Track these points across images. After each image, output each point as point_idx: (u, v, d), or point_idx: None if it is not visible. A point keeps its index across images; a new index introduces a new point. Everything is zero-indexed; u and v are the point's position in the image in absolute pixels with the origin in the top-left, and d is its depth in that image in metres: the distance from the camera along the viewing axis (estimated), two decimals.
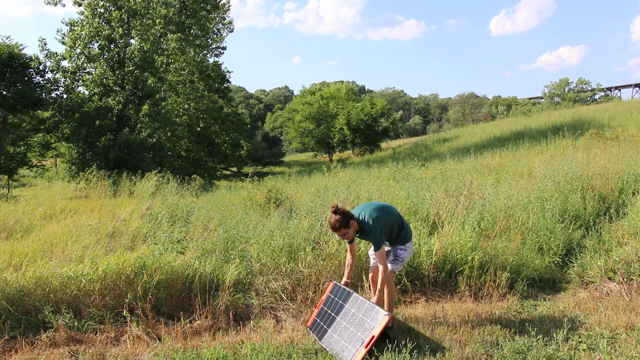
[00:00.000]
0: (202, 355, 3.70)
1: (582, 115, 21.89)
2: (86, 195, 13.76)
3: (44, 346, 3.92)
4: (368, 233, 4.00)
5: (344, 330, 3.87)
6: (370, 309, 3.80)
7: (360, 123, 33.02)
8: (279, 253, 5.30)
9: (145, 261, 4.65)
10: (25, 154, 20.26)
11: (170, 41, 26.79)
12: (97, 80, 21.39)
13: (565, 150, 11.70)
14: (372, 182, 9.92)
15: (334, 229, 3.90)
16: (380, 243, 3.96)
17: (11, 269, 4.63)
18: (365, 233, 4.03)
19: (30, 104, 17.79)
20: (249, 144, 41.36)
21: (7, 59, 17.10)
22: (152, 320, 4.24)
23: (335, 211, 3.89)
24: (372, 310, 3.78)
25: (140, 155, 19.89)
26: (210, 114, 32.59)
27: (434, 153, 21.36)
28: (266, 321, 4.47)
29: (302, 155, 56.32)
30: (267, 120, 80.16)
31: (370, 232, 3.98)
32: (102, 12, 21.39)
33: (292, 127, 43.09)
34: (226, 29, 35.75)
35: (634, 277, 4.83)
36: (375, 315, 3.72)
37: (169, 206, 7.93)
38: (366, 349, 3.56)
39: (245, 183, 12.31)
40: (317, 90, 45.48)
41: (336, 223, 3.88)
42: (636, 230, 5.51)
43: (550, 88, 60.65)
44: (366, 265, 5.05)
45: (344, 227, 3.90)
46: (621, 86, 67.30)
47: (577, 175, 7.35)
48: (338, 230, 3.90)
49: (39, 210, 9.33)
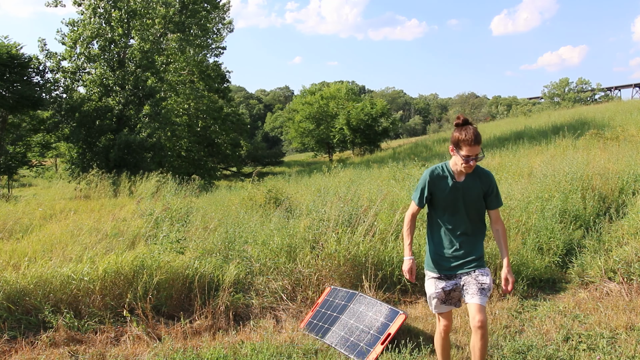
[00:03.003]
0: (202, 355, 3.70)
1: (582, 115, 21.87)
2: (86, 195, 13.76)
3: (44, 346, 3.92)
4: (489, 183, 3.03)
5: (351, 329, 3.87)
6: (380, 307, 3.83)
7: (360, 123, 33.00)
8: (279, 253, 5.30)
9: (144, 261, 4.65)
10: (25, 153, 20.27)
11: (170, 41, 26.79)
12: (97, 81, 21.38)
13: (565, 150, 11.69)
14: (373, 182, 9.91)
15: (477, 141, 2.83)
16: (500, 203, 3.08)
17: (11, 268, 4.63)
18: (485, 183, 3.03)
19: (30, 104, 17.78)
20: (249, 144, 41.35)
21: (6, 59, 17.09)
22: (152, 320, 4.24)
23: (466, 120, 2.94)
24: (383, 307, 3.81)
25: (140, 155, 19.89)
26: (210, 114, 32.56)
27: (434, 153, 21.34)
28: (266, 321, 4.47)
29: (302, 155, 56.29)
30: (267, 120, 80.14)
31: (492, 182, 3.05)
32: (102, 12, 21.40)
33: (292, 127, 43.07)
34: (226, 29, 35.80)
35: (634, 277, 4.83)
36: (387, 313, 3.75)
37: (169, 206, 7.92)
38: (383, 346, 3.57)
39: (245, 183, 12.31)
40: (317, 90, 45.45)
41: (478, 134, 2.87)
42: (636, 230, 5.51)
43: (550, 88, 60.68)
44: (367, 265, 5.03)
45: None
46: (621, 86, 67.32)
47: (577, 175, 7.35)
48: (479, 144, 2.85)
49: (39, 210, 9.33)
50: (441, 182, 3.02)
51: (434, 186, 3.03)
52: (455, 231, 3.02)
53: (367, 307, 3.93)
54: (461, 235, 3.02)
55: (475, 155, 2.88)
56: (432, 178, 3.04)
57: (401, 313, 3.68)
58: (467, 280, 2.98)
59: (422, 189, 3.06)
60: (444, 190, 3.01)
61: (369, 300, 3.97)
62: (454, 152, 2.94)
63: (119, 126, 21.09)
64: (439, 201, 3.04)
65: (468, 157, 2.87)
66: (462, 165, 2.91)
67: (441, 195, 3.02)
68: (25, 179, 25.10)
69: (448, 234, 3.04)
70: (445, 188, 3.01)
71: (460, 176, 3.01)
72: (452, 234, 3.03)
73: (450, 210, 3.03)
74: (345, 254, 4.99)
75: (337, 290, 4.35)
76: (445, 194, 3.01)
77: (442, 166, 3.07)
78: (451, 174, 3.02)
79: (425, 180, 3.05)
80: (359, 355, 3.62)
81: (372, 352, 3.58)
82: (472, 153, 2.86)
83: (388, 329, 3.65)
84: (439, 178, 3.03)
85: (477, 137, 2.85)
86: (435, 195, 3.04)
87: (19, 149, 20.03)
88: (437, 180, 3.03)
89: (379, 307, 3.86)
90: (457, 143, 2.89)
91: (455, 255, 3.01)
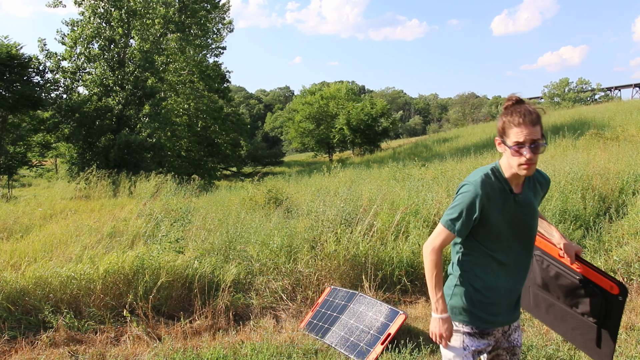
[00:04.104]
0: (202, 355, 3.70)
1: (582, 115, 21.88)
2: (86, 195, 13.76)
3: (44, 346, 3.92)
4: (546, 192, 2.22)
5: (351, 329, 3.87)
6: (380, 307, 3.83)
7: (360, 123, 33.01)
8: (278, 253, 5.30)
9: (143, 261, 4.65)
10: (25, 154, 20.28)
11: (170, 41, 26.79)
12: (97, 81, 21.39)
13: (565, 150, 11.70)
14: (373, 182, 9.92)
15: (534, 122, 1.91)
16: None
17: (11, 268, 4.63)
18: (543, 192, 2.20)
19: (30, 104, 17.79)
20: (249, 144, 41.35)
21: (5, 59, 17.09)
22: (152, 320, 4.24)
23: (520, 100, 2.01)
24: (383, 308, 3.81)
25: (140, 155, 19.90)
26: (210, 114, 32.59)
27: (434, 153, 21.35)
28: (266, 321, 4.47)
29: (302, 155, 56.29)
30: (267, 120, 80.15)
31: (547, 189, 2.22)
32: (102, 12, 21.41)
33: (292, 127, 43.07)
34: (226, 29, 35.84)
35: (634, 277, 4.83)
36: (387, 313, 3.75)
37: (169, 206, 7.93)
38: (383, 346, 3.58)
39: (245, 183, 12.32)
40: (317, 90, 45.45)
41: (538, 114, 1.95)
42: (636, 230, 5.51)
43: (550, 88, 60.65)
44: (367, 265, 5.03)
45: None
46: (621, 86, 67.26)
47: (577, 175, 7.35)
48: (538, 124, 1.93)
49: (39, 210, 9.33)
50: (497, 197, 2.01)
51: (489, 203, 1.99)
52: (517, 267, 2.09)
53: (367, 307, 3.93)
54: (520, 273, 2.12)
55: (536, 141, 1.89)
56: (486, 190, 1.98)
57: (401, 313, 3.69)
58: (500, 340, 2.17)
59: (468, 209, 1.98)
60: (502, 209, 2.01)
61: (369, 300, 3.97)
62: (502, 145, 1.99)
63: (119, 126, 21.09)
64: (493, 226, 2.01)
65: (521, 144, 1.88)
66: (520, 165, 1.92)
67: (497, 216, 2.00)
68: (25, 179, 25.11)
69: (504, 271, 2.07)
70: (504, 205, 2.01)
71: (519, 185, 2.06)
72: (510, 271, 2.08)
73: (508, 237, 2.04)
74: (344, 254, 4.99)
75: (337, 290, 4.35)
76: (503, 215, 2.01)
77: (494, 171, 2.04)
78: (508, 183, 2.03)
79: (474, 195, 1.97)
80: (359, 355, 3.62)
81: (372, 352, 3.58)
82: (530, 136, 1.88)
83: (388, 329, 3.65)
84: (495, 191, 2.00)
85: (535, 113, 1.91)
86: (487, 218, 2.00)
87: (19, 149, 20.04)
88: (492, 194, 1.99)
89: (379, 307, 3.86)
90: (504, 129, 1.95)
91: (510, 302, 2.13)
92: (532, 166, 1.93)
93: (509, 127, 1.94)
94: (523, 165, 1.92)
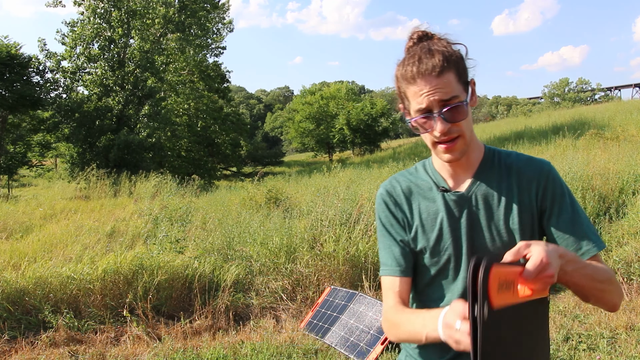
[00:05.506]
0: (202, 355, 3.70)
1: (582, 115, 21.88)
2: (86, 195, 13.77)
3: (44, 346, 3.92)
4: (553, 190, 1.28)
5: (351, 329, 3.87)
6: (380, 307, 3.82)
7: (360, 123, 33.00)
8: (278, 253, 5.30)
9: (143, 261, 4.65)
10: (25, 153, 20.29)
11: (170, 41, 26.79)
12: (97, 81, 21.40)
13: (565, 150, 11.70)
14: (373, 182, 9.91)
15: (438, 68, 1.13)
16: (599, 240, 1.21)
17: (11, 268, 4.63)
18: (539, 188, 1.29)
19: (29, 103, 17.80)
20: (249, 144, 41.34)
21: (5, 59, 17.11)
22: (152, 320, 4.24)
23: (426, 33, 1.24)
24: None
25: (140, 155, 19.90)
26: (210, 114, 32.57)
27: None
28: (266, 321, 4.46)
29: (302, 155, 56.28)
30: (267, 120, 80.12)
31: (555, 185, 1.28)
32: (102, 12, 21.42)
33: (292, 127, 43.06)
34: (226, 29, 35.77)
35: (634, 277, 4.83)
36: None
37: (169, 206, 7.93)
38: (383, 346, 3.58)
39: (245, 183, 12.33)
40: (317, 90, 45.45)
41: (444, 53, 1.15)
42: (636, 230, 5.51)
43: (550, 88, 60.68)
44: (367, 265, 5.02)
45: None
46: (621, 86, 67.26)
47: (577, 175, 7.35)
48: (449, 71, 1.14)
49: (39, 210, 9.34)
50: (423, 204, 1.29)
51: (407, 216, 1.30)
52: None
53: (367, 307, 3.93)
54: None
55: (447, 101, 1.13)
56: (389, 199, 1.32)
57: None
58: None
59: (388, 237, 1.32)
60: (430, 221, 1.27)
61: (369, 300, 3.97)
62: (409, 117, 1.20)
63: (119, 126, 21.09)
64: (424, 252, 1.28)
65: (426, 111, 1.15)
66: (435, 145, 1.19)
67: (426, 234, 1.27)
68: (25, 179, 25.10)
69: None
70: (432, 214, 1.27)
71: (458, 177, 1.28)
72: None
73: (444, 269, 1.27)
74: (344, 254, 4.98)
75: (337, 290, 4.35)
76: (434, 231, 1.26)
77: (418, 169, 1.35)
78: (438, 180, 1.29)
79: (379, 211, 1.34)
80: (359, 355, 3.62)
81: (372, 352, 3.58)
82: (435, 95, 1.12)
83: None
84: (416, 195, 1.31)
85: (439, 54, 1.15)
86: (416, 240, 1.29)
87: (19, 149, 20.06)
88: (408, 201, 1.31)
89: (379, 307, 3.86)
90: (401, 90, 1.21)
91: None
92: (457, 144, 1.16)
93: (404, 85, 1.18)
94: (441, 146, 1.17)
